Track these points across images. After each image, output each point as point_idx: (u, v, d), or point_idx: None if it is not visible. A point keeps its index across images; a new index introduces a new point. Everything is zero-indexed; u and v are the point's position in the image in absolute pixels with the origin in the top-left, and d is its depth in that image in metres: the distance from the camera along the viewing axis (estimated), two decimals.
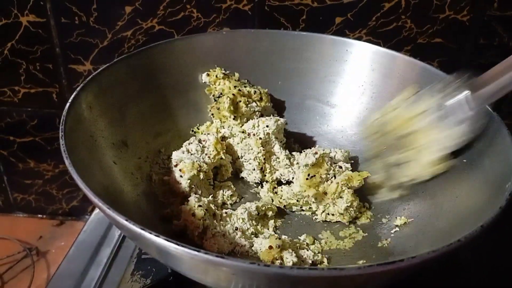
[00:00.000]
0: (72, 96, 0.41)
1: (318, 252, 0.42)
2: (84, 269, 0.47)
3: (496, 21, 0.62)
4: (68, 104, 0.39)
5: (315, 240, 0.44)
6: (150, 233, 0.27)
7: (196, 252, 0.26)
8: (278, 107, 0.58)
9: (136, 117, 0.50)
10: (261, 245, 0.40)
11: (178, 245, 0.26)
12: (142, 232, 0.27)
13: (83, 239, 0.51)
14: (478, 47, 0.64)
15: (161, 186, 0.46)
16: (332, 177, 0.46)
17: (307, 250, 0.41)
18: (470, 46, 0.64)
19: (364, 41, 0.57)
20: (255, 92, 0.54)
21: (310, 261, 0.39)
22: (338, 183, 0.45)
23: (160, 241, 0.27)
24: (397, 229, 0.43)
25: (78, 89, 0.42)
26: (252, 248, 0.41)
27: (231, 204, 0.48)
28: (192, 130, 0.55)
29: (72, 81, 0.74)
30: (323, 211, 0.46)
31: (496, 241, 0.39)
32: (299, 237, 0.44)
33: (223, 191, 0.48)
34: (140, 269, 0.45)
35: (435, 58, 0.64)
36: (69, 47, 0.70)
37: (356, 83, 0.55)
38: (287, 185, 0.49)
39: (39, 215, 0.89)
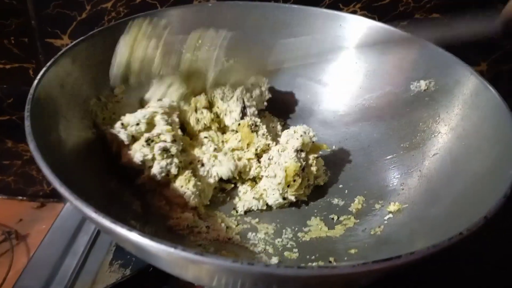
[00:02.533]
0: (41, 72, 0.37)
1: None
2: (60, 258, 0.44)
3: None
4: (35, 82, 0.36)
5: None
6: (122, 227, 0.24)
7: (172, 249, 0.23)
8: None
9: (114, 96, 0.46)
10: None
11: (153, 241, 0.24)
12: (113, 226, 0.25)
13: (59, 225, 0.48)
14: None
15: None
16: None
17: None
18: None
19: (358, 15, 0.54)
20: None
21: None
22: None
23: (134, 236, 0.24)
24: (390, 215, 0.41)
25: (48, 64, 0.38)
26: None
27: None
28: None
29: (50, 56, 0.68)
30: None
31: (497, 231, 0.37)
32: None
33: None
34: (119, 258, 0.43)
35: None
36: (46, 20, 0.66)
37: (349, 60, 0.52)
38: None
39: (19, 197, 0.85)
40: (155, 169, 0.39)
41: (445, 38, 0.42)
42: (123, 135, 0.41)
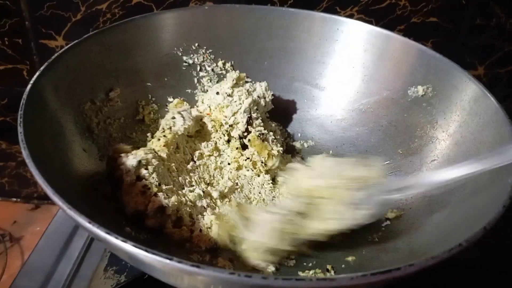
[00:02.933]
0: (35, 77, 0.36)
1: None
2: (54, 262, 0.44)
3: (494, 0, 0.59)
4: (29, 86, 0.35)
5: None
6: (117, 238, 0.24)
7: (167, 261, 0.23)
8: None
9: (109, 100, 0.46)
10: None
11: (148, 252, 0.23)
12: (108, 236, 0.24)
13: (53, 229, 0.48)
14: (474, 28, 0.61)
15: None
16: None
17: None
18: (466, 27, 0.61)
19: (355, 19, 0.54)
20: None
21: None
22: None
23: (129, 247, 0.24)
24: (388, 222, 0.40)
25: (41, 68, 0.38)
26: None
27: None
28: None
29: (44, 58, 0.68)
30: None
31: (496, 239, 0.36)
32: None
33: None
34: (114, 264, 0.42)
35: (429, 38, 0.61)
36: (40, 20, 0.65)
37: (347, 65, 0.52)
38: None
39: (13, 199, 0.85)
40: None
41: None
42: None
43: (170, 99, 0.51)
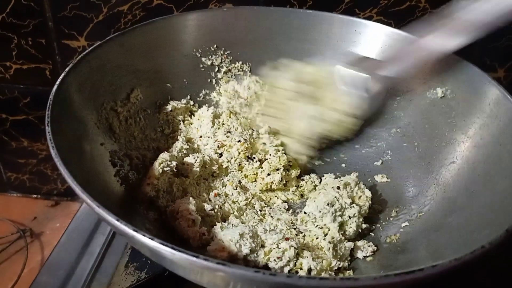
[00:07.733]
0: (60, 77, 0.37)
1: None
2: (76, 259, 0.45)
3: None
4: (55, 87, 0.36)
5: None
6: (144, 235, 0.25)
7: (194, 258, 0.23)
8: None
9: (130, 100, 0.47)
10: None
11: (174, 249, 0.24)
12: (135, 234, 0.25)
13: (75, 225, 0.49)
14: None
15: None
16: None
17: None
18: None
19: (374, 21, 0.54)
20: None
21: None
22: None
23: (155, 244, 0.24)
24: (406, 223, 0.41)
25: (66, 69, 0.39)
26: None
27: None
28: None
29: (66, 58, 0.70)
30: None
31: None
32: None
33: None
34: (135, 260, 0.43)
35: None
36: (63, 21, 0.66)
37: None
38: None
39: (34, 195, 0.86)
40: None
41: None
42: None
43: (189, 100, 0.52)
